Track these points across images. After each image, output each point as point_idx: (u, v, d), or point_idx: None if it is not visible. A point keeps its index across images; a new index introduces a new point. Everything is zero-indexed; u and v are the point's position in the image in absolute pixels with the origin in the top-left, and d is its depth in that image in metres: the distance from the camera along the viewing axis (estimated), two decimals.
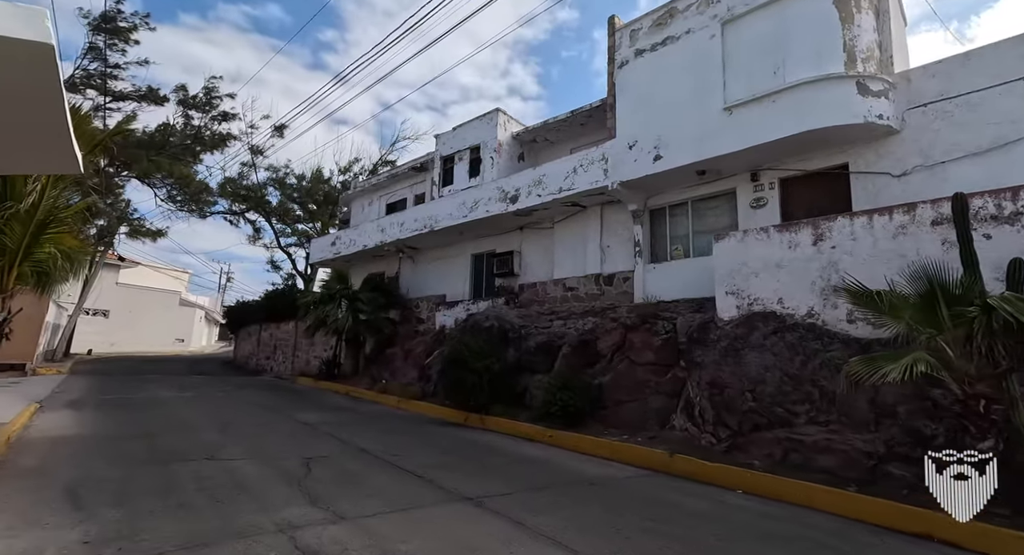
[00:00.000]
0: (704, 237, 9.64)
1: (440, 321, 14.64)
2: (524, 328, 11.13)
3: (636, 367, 8.48)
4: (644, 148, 9.43)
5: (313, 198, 27.48)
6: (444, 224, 13.81)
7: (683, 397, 7.71)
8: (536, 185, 11.47)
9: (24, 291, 9.48)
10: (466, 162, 14.57)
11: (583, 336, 9.67)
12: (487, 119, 14.13)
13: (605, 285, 11.11)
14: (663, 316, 8.65)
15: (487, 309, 12.53)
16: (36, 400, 10.48)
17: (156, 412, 9.79)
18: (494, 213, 12.47)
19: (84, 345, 27.64)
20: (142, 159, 21.84)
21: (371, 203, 19.40)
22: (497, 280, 13.76)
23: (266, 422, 9.03)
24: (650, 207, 10.45)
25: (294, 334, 21.75)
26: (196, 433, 7.74)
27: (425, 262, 16.15)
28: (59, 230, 6.31)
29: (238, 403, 11.68)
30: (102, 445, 6.66)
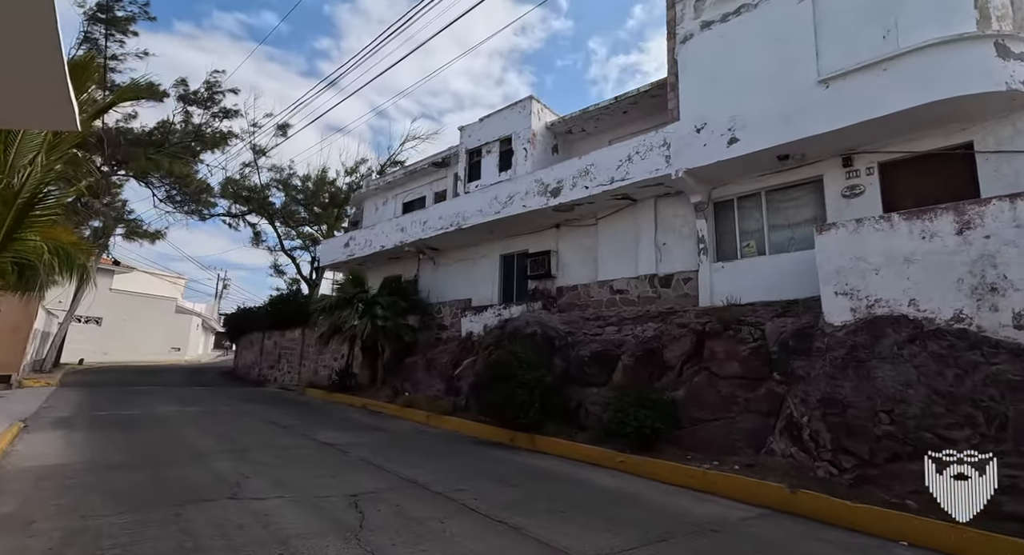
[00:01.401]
0: (782, 231, 8.57)
1: (466, 328, 13.47)
2: (571, 335, 9.99)
3: (718, 380, 7.35)
4: (715, 131, 8.37)
5: (318, 199, 26.31)
6: (473, 222, 12.68)
7: (783, 416, 6.57)
8: (582, 176, 10.38)
9: (4, 294, 8.29)
10: (495, 155, 13.49)
11: (647, 344, 8.54)
12: (519, 107, 13.08)
13: (662, 287, 9.99)
14: (747, 321, 7.54)
15: (523, 314, 11.39)
16: (20, 418, 9.21)
17: (157, 432, 8.55)
18: (532, 208, 11.36)
19: (75, 354, 26.19)
20: (140, 157, 20.64)
21: (385, 202, 18.25)
22: (531, 283, 12.62)
23: (286, 445, 7.82)
24: (715, 199, 9.38)
25: (300, 342, 20.48)
26: (208, 460, 6.52)
27: (448, 264, 15.00)
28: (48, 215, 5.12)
29: (247, 420, 10.44)
30: (97, 479, 5.45)
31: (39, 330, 18.18)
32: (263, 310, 22.92)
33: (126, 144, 20.98)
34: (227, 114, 23.34)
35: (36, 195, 4.47)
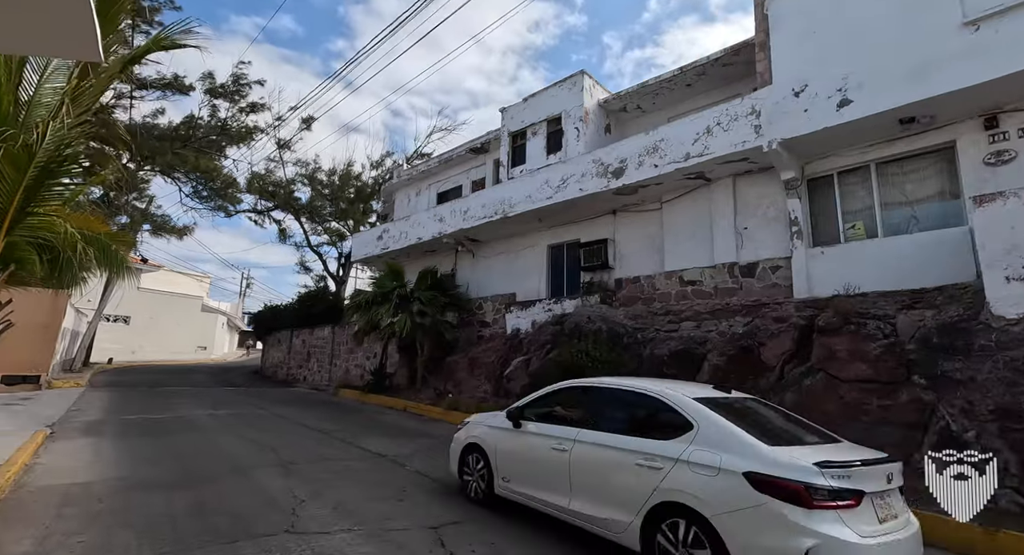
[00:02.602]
0: (899, 209, 7.36)
1: (512, 324, 12.49)
2: (640, 332, 8.93)
3: (839, 384, 6.22)
4: (820, 93, 7.20)
5: (344, 194, 25.63)
6: (520, 209, 11.68)
7: (933, 430, 5.43)
8: (650, 153, 9.29)
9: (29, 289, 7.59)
10: (542, 136, 12.45)
11: (739, 342, 7.43)
12: (569, 84, 12.01)
13: (744, 277, 8.86)
14: (871, 314, 6.38)
15: (580, 309, 10.36)
16: (47, 423, 8.56)
17: (191, 439, 7.77)
18: (589, 192, 10.30)
19: (104, 354, 26.05)
20: (166, 152, 20.17)
21: (418, 193, 17.37)
22: (584, 275, 11.58)
23: (333, 455, 6.94)
24: (808, 175, 8.20)
25: (331, 341, 19.80)
26: (252, 476, 5.67)
27: (489, 256, 14.04)
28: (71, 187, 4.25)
29: (284, 425, 9.64)
30: (129, 502, 4.62)
31: (68, 329, 17.82)
32: (291, 308, 22.34)
33: (152, 139, 20.56)
34: (253, 108, 22.77)
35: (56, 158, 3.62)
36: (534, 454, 4.38)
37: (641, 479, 3.43)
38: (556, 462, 4.09)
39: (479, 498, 4.90)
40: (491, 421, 5.11)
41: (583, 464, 3.91)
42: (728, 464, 3.08)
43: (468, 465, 5.12)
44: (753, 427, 3.42)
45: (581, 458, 3.93)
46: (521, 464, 4.51)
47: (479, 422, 5.33)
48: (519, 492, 4.43)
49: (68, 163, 3.81)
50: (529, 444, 4.48)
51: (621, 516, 3.49)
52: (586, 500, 3.80)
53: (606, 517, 3.60)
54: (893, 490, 3.18)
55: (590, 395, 4.46)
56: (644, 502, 3.35)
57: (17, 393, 12.96)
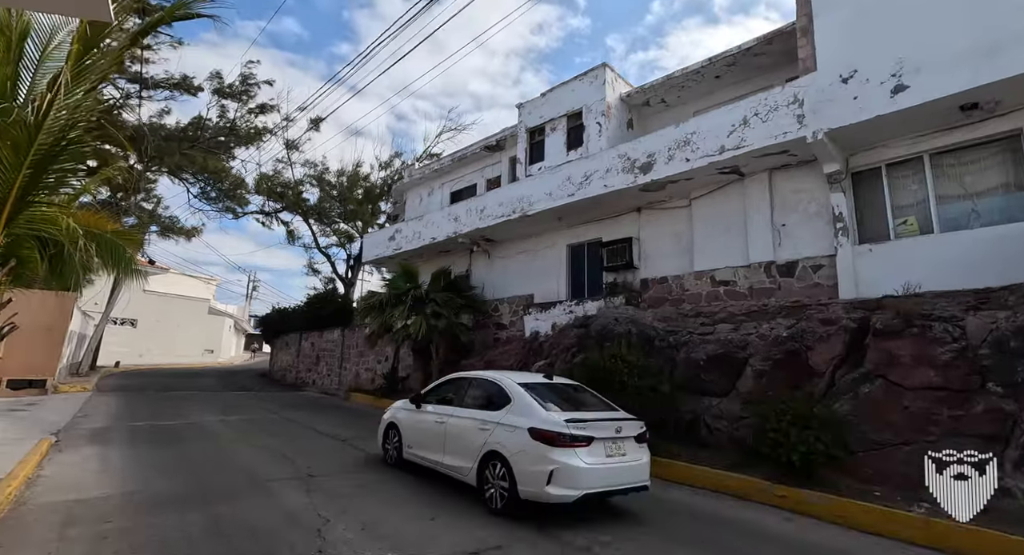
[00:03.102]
0: (957, 203, 6.89)
1: (531, 327, 12.07)
2: (672, 335, 8.47)
3: (903, 392, 5.74)
4: (871, 79, 6.75)
5: (353, 194, 25.31)
6: (540, 207, 11.26)
7: (1017, 443, 4.96)
8: (681, 147, 8.85)
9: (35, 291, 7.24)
10: (562, 132, 12.04)
11: (784, 345, 6.96)
12: (590, 77, 11.60)
13: (782, 276, 8.39)
14: (937, 316, 5.90)
15: (605, 311, 9.91)
16: (52, 431, 8.19)
17: (204, 448, 7.38)
18: (615, 188, 9.87)
19: (111, 357, 25.79)
20: (175, 152, 19.93)
21: (431, 192, 16.99)
22: (607, 275, 11.14)
23: (354, 465, 6.53)
24: (853, 168, 7.74)
25: (340, 343, 19.43)
26: (270, 489, 5.27)
27: (505, 257, 13.62)
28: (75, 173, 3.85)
29: (297, 430, 9.25)
30: (139, 521, 4.22)
31: (75, 332, 17.53)
32: (299, 310, 22.00)
33: (160, 140, 20.33)
34: (262, 109, 22.51)
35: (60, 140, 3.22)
36: (425, 427, 5.95)
37: (480, 437, 5.03)
38: (437, 431, 5.69)
39: (391, 462, 6.46)
40: (404, 405, 6.56)
41: (452, 431, 5.49)
42: (521, 423, 4.70)
43: (388, 438, 6.61)
44: (547, 400, 5.01)
45: (451, 427, 5.52)
46: (418, 434, 6.06)
47: (397, 407, 6.71)
48: (418, 455, 5.99)
49: (73, 146, 3.43)
50: (424, 420, 6.03)
51: (467, 463, 5.08)
52: (452, 455, 5.38)
53: (460, 465, 5.20)
54: (624, 438, 4.79)
55: (462, 383, 6.06)
56: (479, 452, 4.95)
57: (23, 398, 12.64)
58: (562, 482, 4.33)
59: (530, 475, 4.43)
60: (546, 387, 5.44)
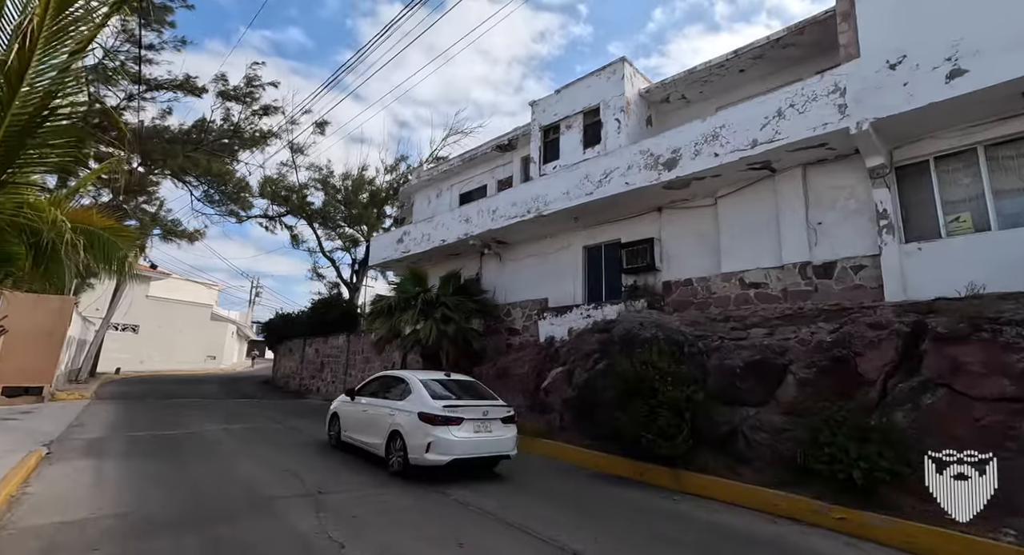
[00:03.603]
0: (1016, 198, 6.39)
1: (545, 332, 11.57)
2: (702, 340, 7.97)
3: (972, 403, 5.23)
4: (924, 64, 6.29)
5: (358, 198, 24.93)
6: (556, 207, 10.81)
7: None
8: (709, 141, 8.39)
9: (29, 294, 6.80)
10: (577, 130, 11.61)
11: (830, 351, 6.45)
12: (608, 73, 11.18)
13: (819, 278, 7.89)
14: (1007, 319, 5.39)
15: (626, 315, 9.41)
16: (44, 441, 7.73)
17: (206, 461, 6.89)
18: (637, 186, 9.42)
19: (112, 363, 25.35)
20: (178, 154, 19.59)
21: (439, 194, 16.57)
22: (626, 278, 10.65)
23: (365, 483, 6.02)
24: (897, 162, 7.27)
25: (346, 349, 18.96)
26: (277, 508, 4.78)
27: (517, 259, 13.15)
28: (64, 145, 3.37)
29: (303, 441, 8.75)
30: (129, 550, 3.73)
31: (74, 337, 17.10)
32: (303, 316, 21.54)
33: (163, 142, 20.02)
34: (266, 111, 22.21)
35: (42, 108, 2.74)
36: (356, 415, 7.55)
37: (388, 420, 6.58)
38: (363, 417, 7.32)
39: (333, 444, 8.09)
40: (343, 399, 8.15)
41: (372, 417, 7.07)
42: (414, 409, 6.23)
43: (331, 426, 8.23)
44: (438, 392, 6.57)
45: (371, 413, 7.12)
46: (351, 421, 7.65)
47: (339, 401, 8.31)
48: (351, 437, 7.56)
49: (58, 117, 2.97)
50: (355, 410, 7.64)
51: (379, 440, 6.62)
52: (370, 435, 6.94)
53: (375, 442, 6.74)
54: (491, 419, 6.31)
55: (384, 379, 7.72)
56: (387, 431, 6.49)
57: (18, 406, 12.19)
58: (437, 450, 5.92)
59: (416, 446, 6.03)
60: (442, 382, 7.04)
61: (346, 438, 7.64)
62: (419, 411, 6.14)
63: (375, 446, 6.74)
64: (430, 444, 5.87)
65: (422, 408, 6.17)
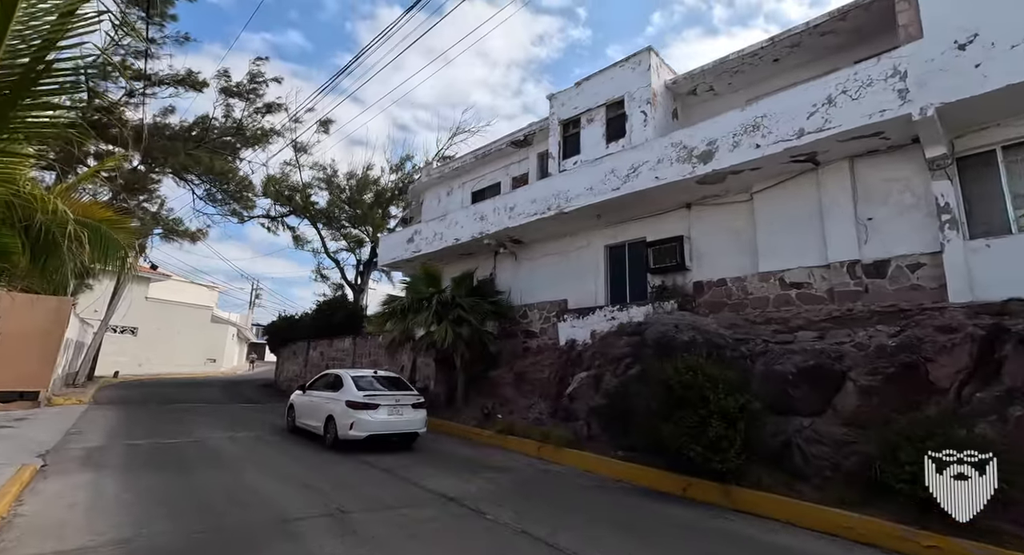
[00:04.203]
0: None
1: (566, 335, 11.06)
2: (744, 344, 7.46)
3: None
4: (1001, 42, 5.80)
5: (362, 197, 24.41)
6: (579, 203, 10.31)
7: None
8: (749, 132, 7.90)
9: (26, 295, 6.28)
10: (599, 124, 11.12)
11: (896, 357, 5.93)
12: (633, 63, 10.70)
13: (869, 277, 7.39)
14: None
15: (658, 317, 8.89)
16: (39, 452, 7.18)
17: (212, 475, 6.35)
18: (669, 180, 8.92)
19: (110, 366, 24.76)
20: (179, 152, 19.07)
21: (450, 192, 16.06)
22: (653, 278, 10.14)
23: (390, 499, 5.48)
24: (958, 153, 6.77)
25: (351, 352, 18.41)
26: (299, 534, 4.24)
27: (533, 259, 12.64)
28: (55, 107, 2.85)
29: (316, 451, 8.20)
30: None
31: (72, 339, 16.53)
32: (307, 318, 20.98)
33: (164, 139, 19.50)
34: (269, 108, 21.70)
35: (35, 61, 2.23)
36: (306, 404, 9.48)
37: (326, 407, 8.54)
38: (310, 406, 9.26)
39: (289, 430, 9.99)
40: (298, 393, 10.06)
41: (316, 405, 8.99)
42: (344, 398, 8.21)
43: (289, 415, 10.14)
44: (364, 385, 8.52)
45: (316, 403, 9.05)
46: (303, 409, 9.56)
47: (295, 395, 10.22)
48: (301, 422, 9.51)
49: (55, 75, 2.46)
50: (305, 400, 9.60)
51: (320, 423, 8.57)
52: (314, 420, 8.90)
53: (317, 425, 8.70)
54: (403, 405, 8.33)
55: (327, 376, 9.57)
56: (325, 416, 8.46)
57: (12, 412, 11.62)
58: (358, 428, 7.89)
59: (342, 426, 8.02)
60: (369, 378, 9.03)
61: (300, 424, 9.60)
62: (347, 400, 8.21)
63: (316, 428, 8.77)
64: (352, 423, 7.93)
65: (349, 397, 8.22)
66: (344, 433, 7.92)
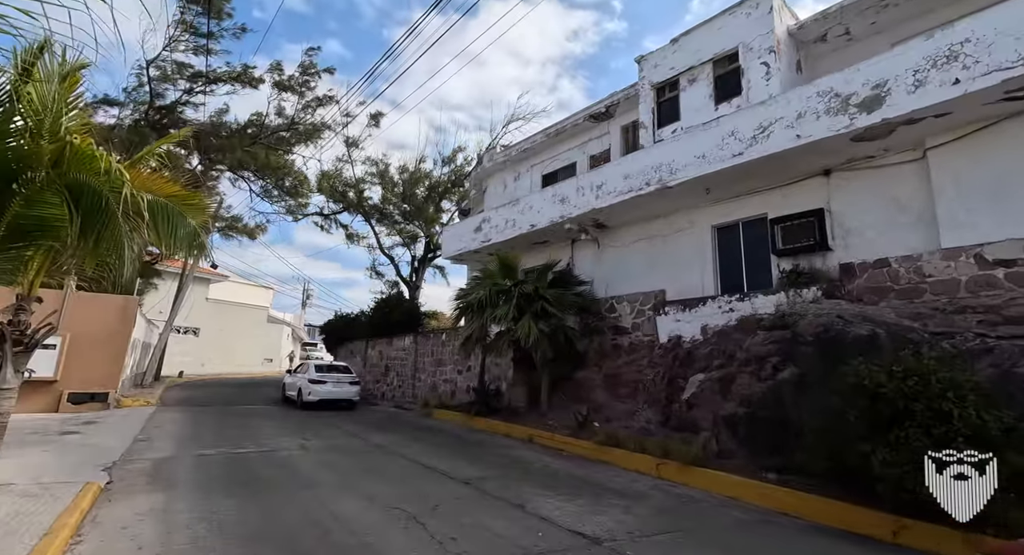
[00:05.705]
0: None
1: (668, 330, 9.58)
2: (948, 339, 5.75)
3: None
4: None
5: (415, 192, 23.63)
6: (687, 174, 8.79)
7: None
8: (941, 65, 6.15)
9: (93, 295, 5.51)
10: (705, 82, 9.53)
11: None
12: (748, 7, 9.04)
13: None
14: None
15: (806, 307, 7.26)
16: (106, 464, 6.44)
17: (294, 498, 5.32)
18: (815, 138, 7.27)
19: (174, 366, 25.16)
20: (236, 149, 18.82)
21: (517, 177, 14.82)
22: (781, 261, 8.49)
23: (516, 538, 4.21)
24: None
25: (413, 351, 17.53)
26: None
27: (620, 245, 11.20)
28: None
29: (401, 465, 7.12)
30: None
31: (139, 340, 16.46)
32: (365, 316, 20.34)
33: (221, 138, 19.35)
34: (321, 102, 21.25)
35: None
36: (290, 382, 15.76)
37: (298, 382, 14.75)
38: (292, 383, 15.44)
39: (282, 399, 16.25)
40: (289, 375, 16.81)
41: (294, 382, 15.15)
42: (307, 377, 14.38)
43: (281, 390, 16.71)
44: (321, 370, 14.85)
45: (295, 381, 15.07)
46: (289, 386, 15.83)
47: (285, 375, 17.99)
48: (286, 394, 15.91)
49: None
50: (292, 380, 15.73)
51: (295, 393, 14.75)
52: (292, 391, 15.09)
53: (292, 394, 15.00)
54: (343, 382, 14.42)
55: (303, 364, 17.03)
56: (297, 388, 14.61)
57: (83, 414, 11.31)
58: (312, 395, 13.61)
59: (305, 394, 13.78)
60: (326, 366, 15.39)
61: (287, 395, 15.41)
62: (308, 378, 14.01)
63: (293, 396, 14.53)
64: (310, 392, 13.59)
65: (309, 377, 14.03)
66: (306, 398, 13.61)
